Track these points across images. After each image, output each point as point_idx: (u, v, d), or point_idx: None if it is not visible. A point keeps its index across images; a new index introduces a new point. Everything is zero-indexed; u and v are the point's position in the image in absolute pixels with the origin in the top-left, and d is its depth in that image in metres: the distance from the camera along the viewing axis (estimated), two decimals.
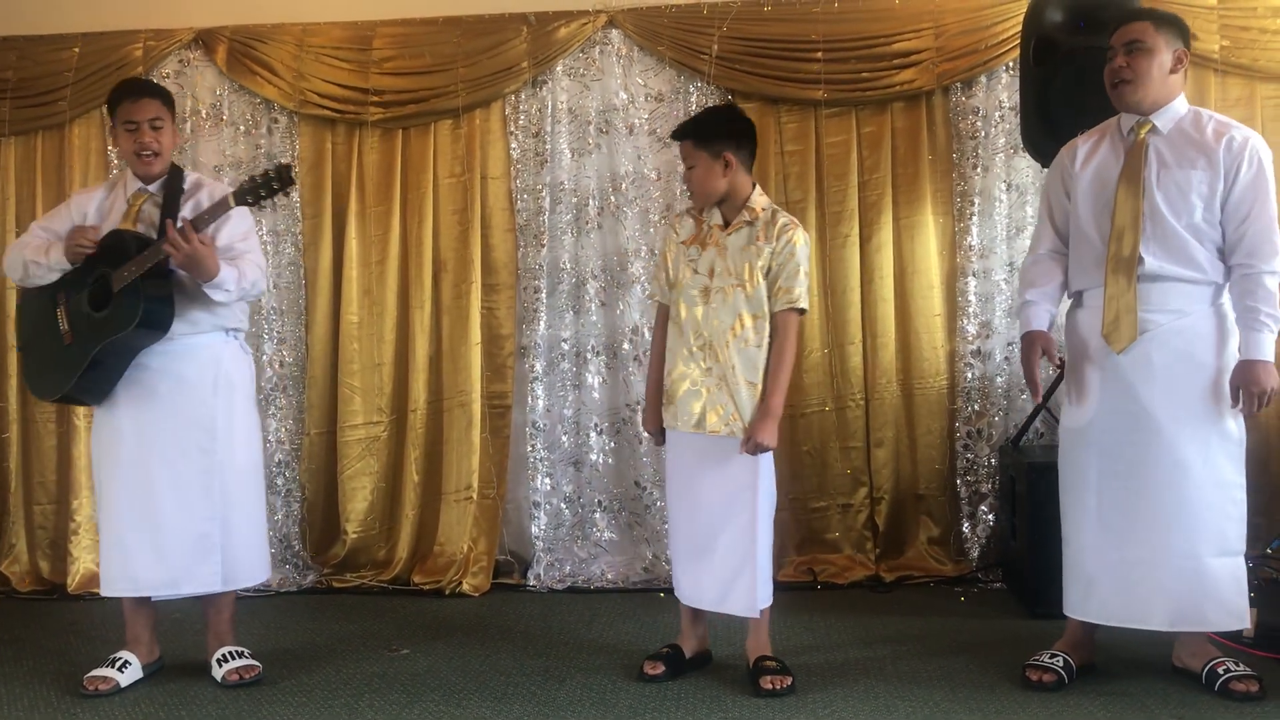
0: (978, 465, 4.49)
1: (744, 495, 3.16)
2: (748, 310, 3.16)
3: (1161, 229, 2.97)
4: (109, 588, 3.32)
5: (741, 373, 3.15)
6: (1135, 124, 3.06)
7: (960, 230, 4.50)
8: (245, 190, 3.13)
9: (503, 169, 4.65)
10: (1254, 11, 4.32)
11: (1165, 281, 2.97)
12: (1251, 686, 2.92)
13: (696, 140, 3.19)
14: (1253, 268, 2.92)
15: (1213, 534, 2.95)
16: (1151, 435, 2.96)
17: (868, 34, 4.48)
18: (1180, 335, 2.97)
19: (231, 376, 3.39)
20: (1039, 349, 3.14)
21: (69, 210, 3.42)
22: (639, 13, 4.57)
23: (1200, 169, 2.96)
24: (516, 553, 4.70)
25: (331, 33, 4.71)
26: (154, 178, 3.37)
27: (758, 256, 3.15)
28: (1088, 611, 3.08)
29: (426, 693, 3.22)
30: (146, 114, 3.31)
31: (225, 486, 3.32)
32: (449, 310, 4.63)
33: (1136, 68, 3.00)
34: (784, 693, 3.06)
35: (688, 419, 3.19)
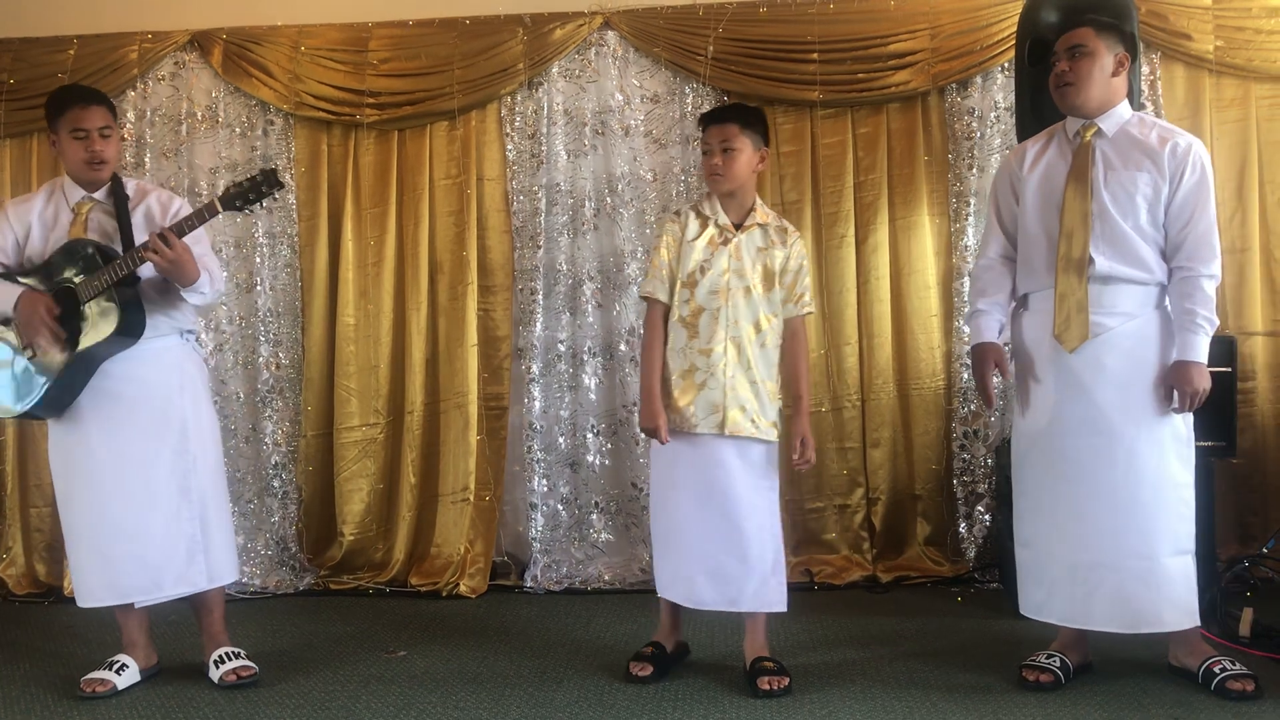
0: (974, 465, 4.50)
1: (768, 495, 3.19)
2: (765, 311, 3.20)
3: (1110, 229, 3.01)
4: (88, 598, 3.29)
5: (763, 373, 3.18)
6: (1080, 127, 3.10)
7: (956, 231, 4.51)
8: (233, 195, 3.13)
9: (499, 171, 4.65)
10: (1249, 12, 4.34)
11: (1115, 283, 3.01)
12: (1247, 685, 2.92)
13: (743, 124, 3.20)
14: (1192, 270, 2.97)
15: (1168, 534, 2.97)
16: (1106, 437, 2.99)
17: (863, 35, 4.49)
18: (1130, 338, 3.01)
19: (194, 376, 3.39)
20: (991, 361, 3.20)
21: (8, 221, 3.34)
22: (634, 14, 4.58)
23: (1146, 171, 3.01)
24: (513, 554, 4.70)
25: (327, 35, 4.71)
26: (99, 185, 3.33)
27: (772, 260, 3.20)
28: (1051, 613, 3.10)
29: (424, 694, 3.21)
30: (96, 121, 3.26)
31: (200, 486, 3.32)
32: (445, 312, 4.64)
33: (1078, 71, 3.05)
34: (781, 693, 3.07)
35: (708, 421, 3.16)
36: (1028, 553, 3.16)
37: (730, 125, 3.20)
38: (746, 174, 3.22)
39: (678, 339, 3.23)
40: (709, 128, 3.24)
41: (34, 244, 3.32)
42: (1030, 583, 3.16)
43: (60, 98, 3.33)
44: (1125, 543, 2.97)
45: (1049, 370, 3.08)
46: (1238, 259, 4.37)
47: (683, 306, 3.23)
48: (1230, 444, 3.87)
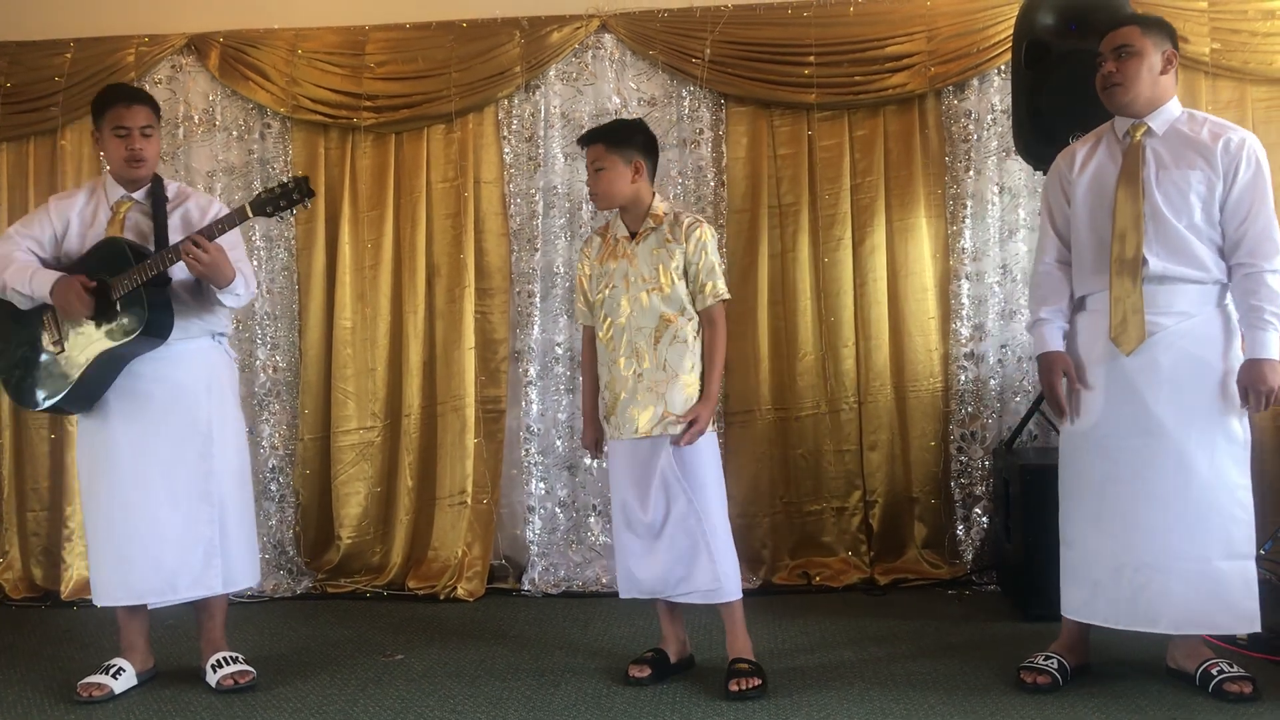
0: (971, 468, 4.50)
1: (677, 484, 3.20)
2: (669, 310, 3.22)
3: (1163, 229, 2.98)
4: (104, 597, 3.31)
5: (673, 368, 3.21)
6: (1130, 126, 3.07)
7: (953, 233, 4.51)
8: (264, 201, 3.16)
9: (496, 173, 4.65)
10: (1244, 14, 4.34)
11: (1171, 283, 2.98)
12: (1245, 688, 2.92)
13: (609, 144, 3.26)
14: (1255, 266, 2.93)
15: (1220, 537, 2.93)
16: (1157, 438, 2.96)
17: (860, 38, 4.49)
18: (1186, 337, 2.97)
19: (222, 380, 3.41)
20: (1059, 370, 3.14)
21: (49, 215, 3.37)
22: (631, 17, 4.58)
23: (1199, 169, 2.98)
24: (511, 557, 4.70)
25: (324, 38, 4.71)
26: (139, 185, 3.36)
27: (670, 258, 3.22)
28: (1094, 614, 3.06)
29: (421, 698, 3.21)
30: (139, 120, 3.30)
31: (222, 490, 3.33)
32: (442, 315, 4.64)
33: (1126, 72, 3.02)
34: (752, 694, 3.07)
35: (629, 427, 3.24)
36: (1071, 553, 3.12)
37: (596, 145, 3.28)
38: (620, 188, 3.25)
39: (601, 355, 3.35)
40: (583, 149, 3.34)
41: (71, 240, 3.34)
42: (1072, 583, 3.12)
43: (105, 95, 3.38)
44: (1173, 544, 2.93)
45: (1101, 371, 3.05)
46: None
47: (599, 325, 3.34)
48: None
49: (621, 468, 3.31)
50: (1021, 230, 4.47)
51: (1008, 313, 4.49)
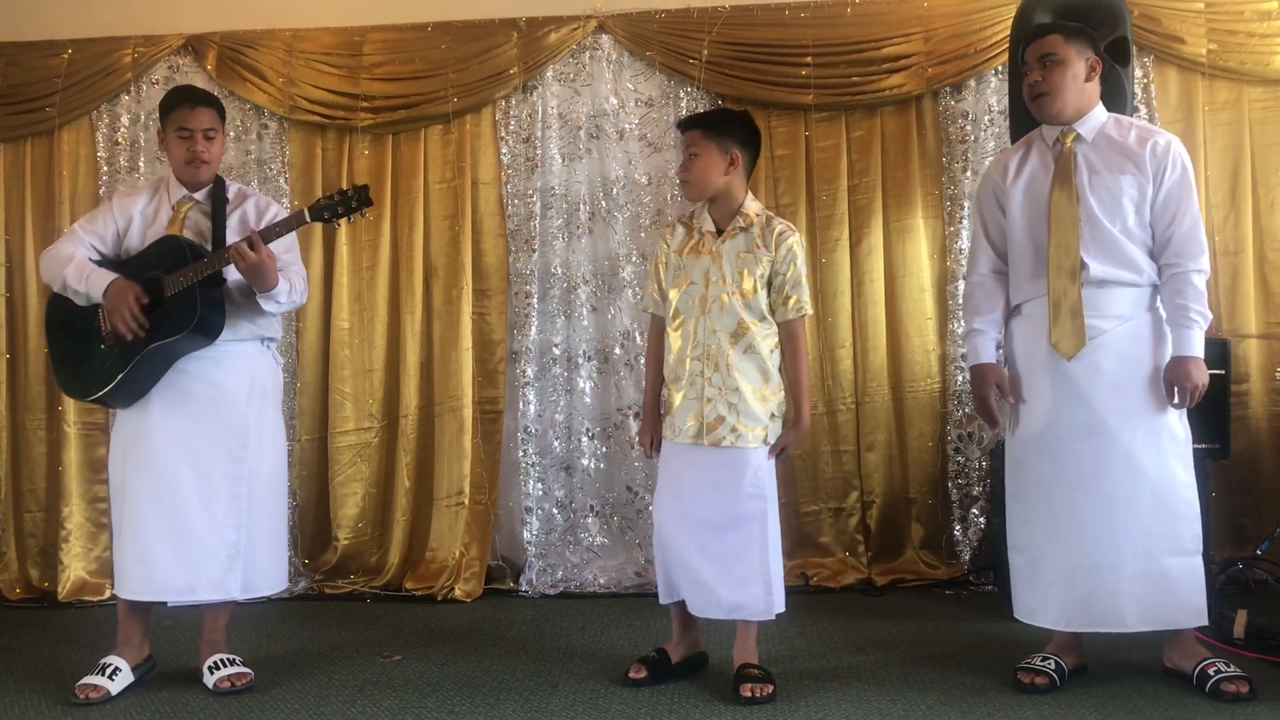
0: (969, 468, 4.50)
1: (754, 504, 3.13)
2: (749, 317, 3.14)
3: (1100, 234, 3.02)
4: (124, 590, 3.30)
5: (748, 380, 3.13)
6: (1060, 134, 3.10)
7: (950, 234, 4.51)
8: (322, 207, 3.16)
9: (493, 174, 4.65)
10: (1241, 15, 4.35)
11: (1109, 287, 3.02)
12: (1242, 688, 2.92)
13: (707, 130, 3.18)
14: (1181, 266, 2.98)
15: (1168, 535, 2.97)
16: (1104, 441, 2.99)
17: (857, 38, 4.50)
18: (1125, 340, 3.01)
19: (265, 385, 3.41)
20: (992, 382, 3.19)
21: (112, 212, 3.41)
22: (629, 18, 4.58)
23: (1129, 173, 3.02)
24: (508, 558, 4.70)
25: (321, 38, 4.71)
26: (200, 186, 3.39)
27: (756, 264, 3.15)
28: (1046, 618, 3.09)
29: (419, 699, 3.21)
30: (202, 123, 3.33)
31: (253, 495, 3.32)
32: (440, 316, 4.63)
33: (1051, 81, 3.06)
34: (764, 701, 3.04)
35: (687, 430, 3.17)
36: (1022, 557, 3.16)
37: (693, 131, 3.21)
38: (712, 178, 3.18)
39: (669, 349, 3.26)
40: (682, 135, 3.27)
41: (132, 238, 3.37)
42: (1024, 587, 3.15)
43: (171, 96, 3.42)
44: (1124, 545, 2.97)
45: (1044, 376, 3.08)
46: (1231, 261, 4.38)
47: (670, 317, 3.25)
48: (1224, 446, 3.89)
49: (677, 471, 3.22)
50: None
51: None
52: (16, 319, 4.75)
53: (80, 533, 4.62)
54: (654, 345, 3.35)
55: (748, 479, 3.14)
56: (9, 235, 4.75)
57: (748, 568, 3.13)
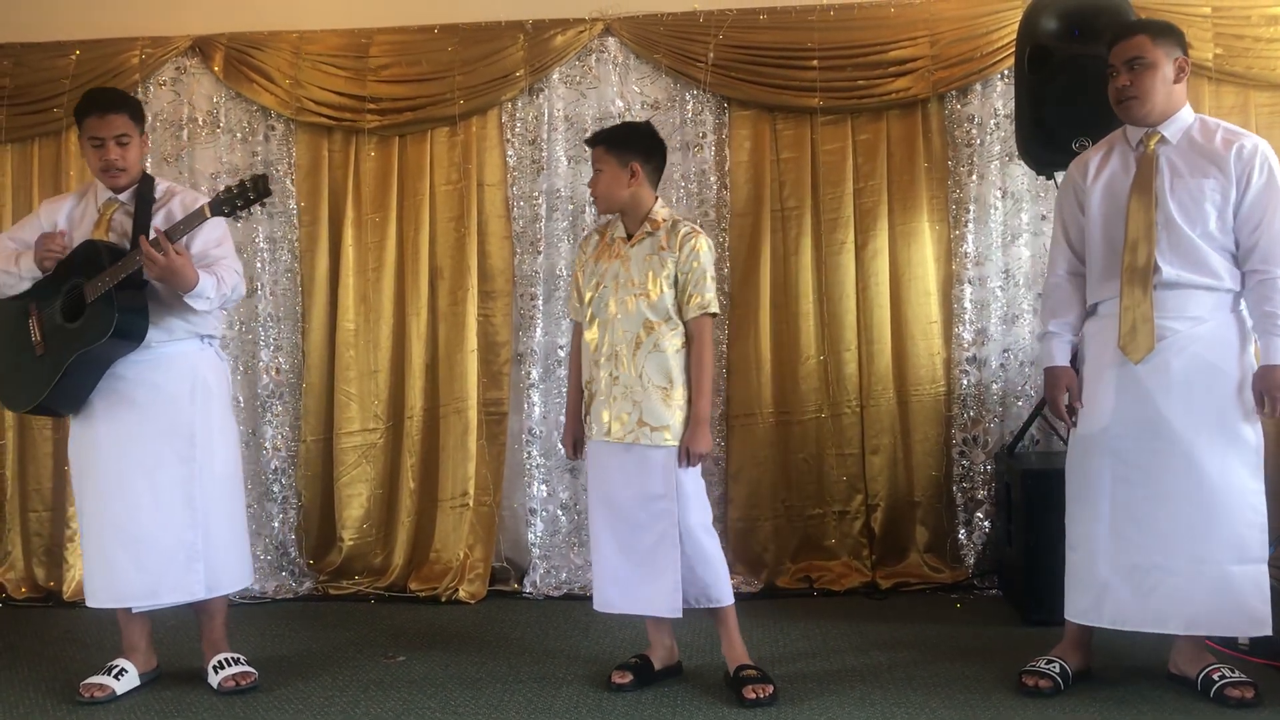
0: (974, 472, 4.50)
1: (662, 504, 3.18)
2: (654, 317, 3.20)
3: (1177, 238, 2.97)
4: (93, 599, 3.31)
5: (652, 378, 3.19)
6: (1144, 135, 3.06)
7: (956, 237, 4.51)
8: (221, 201, 3.10)
9: (499, 176, 4.66)
10: (1248, 20, 4.34)
11: (1183, 289, 2.98)
12: (1246, 693, 2.92)
13: (608, 147, 3.27)
14: (1268, 273, 2.94)
15: (1231, 541, 2.93)
16: (1168, 442, 2.96)
17: (863, 42, 4.49)
18: (1199, 342, 2.97)
19: (209, 383, 3.38)
20: (1064, 386, 3.15)
21: (38, 219, 3.39)
22: (635, 20, 4.59)
23: (1213, 177, 2.97)
24: (513, 560, 4.70)
25: (328, 40, 4.72)
26: (123, 188, 3.35)
27: (661, 266, 3.21)
28: (1100, 617, 3.05)
29: (423, 700, 3.21)
30: (112, 130, 3.26)
31: (205, 494, 3.30)
32: (445, 317, 4.64)
33: (1140, 84, 3.01)
34: (767, 701, 3.06)
35: (599, 428, 3.25)
36: (1077, 556, 3.12)
37: (597, 147, 3.30)
38: (617, 192, 3.26)
39: (585, 353, 3.34)
40: None
41: None
42: (1078, 587, 3.11)
43: (81, 103, 3.35)
44: (1185, 547, 2.94)
45: (1110, 375, 3.05)
46: None
47: (586, 323, 3.34)
48: None
49: (598, 469, 3.32)
50: (1024, 235, 4.47)
51: (1010, 317, 4.48)
52: None
53: None
54: (575, 349, 3.46)
55: (656, 478, 3.19)
56: None
57: (657, 566, 3.18)
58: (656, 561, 3.18)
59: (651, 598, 3.20)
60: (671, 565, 3.16)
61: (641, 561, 3.21)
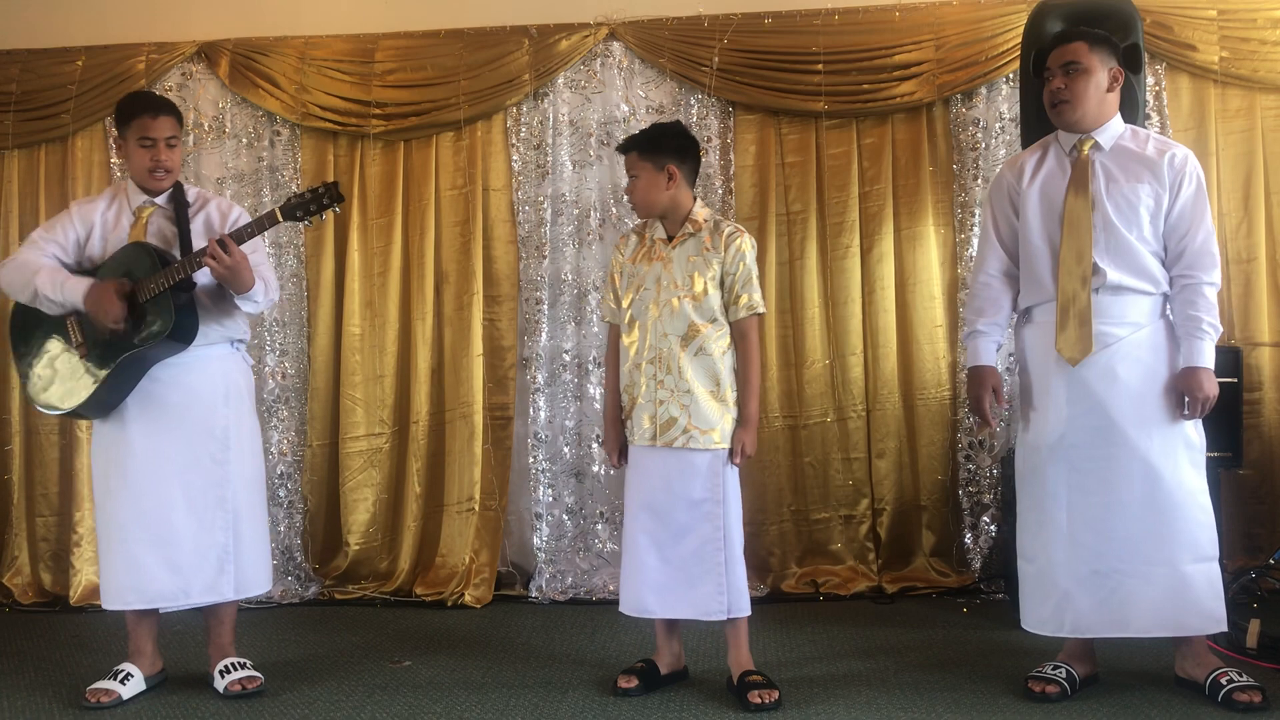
0: (979, 476, 4.49)
1: (710, 507, 3.17)
2: (699, 319, 3.18)
3: (1115, 240, 3.01)
4: (115, 601, 3.30)
5: (699, 381, 3.17)
6: (1077, 141, 3.10)
7: (961, 242, 4.51)
8: (294, 206, 3.15)
9: (504, 181, 4.66)
10: (1254, 23, 4.34)
11: (1123, 294, 3.01)
12: (1255, 697, 2.91)
13: (641, 152, 3.23)
14: (1194, 278, 2.99)
15: (1187, 541, 2.96)
16: (1121, 448, 2.98)
17: (868, 46, 4.50)
18: (1140, 347, 3.01)
19: (240, 387, 3.41)
20: (989, 385, 3.20)
21: (72, 219, 3.39)
22: (640, 25, 4.59)
23: (1146, 182, 3.02)
24: (518, 564, 4.70)
25: (334, 45, 4.73)
26: (161, 192, 3.38)
27: (706, 267, 3.19)
28: (1061, 626, 3.07)
29: (428, 704, 3.21)
30: (164, 132, 3.31)
31: (236, 496, 3.33)
32: (451, 322, 4.65)
33: (1074, 89, 3.04)
34: (771, 707, 3.06)
35: (643, 433, 3.22)
36: (1032, 567, 3.14)
37: (630, 154, 3.26)
38: (655, 196, 3.22)
39: (624, 357, 3.30)
40: None
41: (94, 245, 3.36)
42: (1035, 598, 3.13)
43: (130, 104, 3.37)
44: (1143, 550, 2.96)
45: (1059, 382, 3.06)
46: (1244, 269, 4.37)
47: (625, 325, 3.30)
48: (1237, 455, 3.87)
49: (640, 474, 3.27)
50: None
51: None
52: None
53: (92, 537, 4.61)
54: (612, 353, 3.40)
55: (701, 481, 3.17)
56: (24, 241, 4.75)
57: (702, 569, 3.16)
58: (702, 564, 3.16)
59: (696, 601, 3.17)
60: (717, 567, 3.15)
61: (684, 565, 3.17)
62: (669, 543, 3.19)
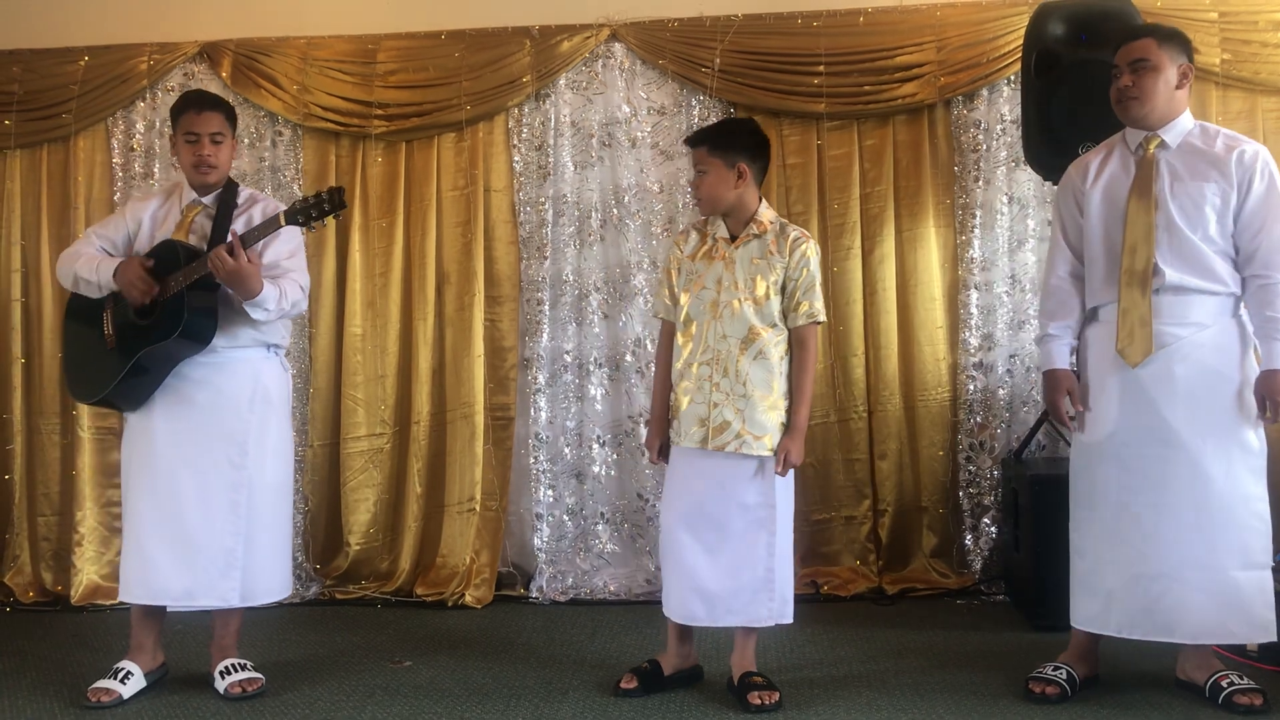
0: (980, 477, 4.49)
1: (763, 513, 3.13)
2: (760, 323, 3.13)
3: (1178, 241, 2.97)
4: (126, 593, 3.33)
5: (756, 387, 3.12)
6: (1144, 139, 3.06)
7: (962, 243, 4.51)
8: (297, 210, 3.14)
9: (506, 182, 4.67)
10: (1255, 25, 4.34)
11: (1185, 294, 2.97)
12: (1255, 700, 2.91)
13: (712, 147, 3.17)
14: (1269, 278, 2.94)
15: (1236, 547, 2.93)
16: (1173, 449, 2.95)
17: (869, 47, 4.50)
18: (1202, 348, 2.97)
19: (269, 392, 3.40)
20: (1064, 389, 3.14)
21: (124, 217, 3.44)
22: (641, 26, 4.60)
23: (1213, 181, 2.98)
24: (519, 565, 4.70)
25: (336, 46, 4.73)
26: (209, 189, 3.40)
27: (770, 270, 3.14)
28: (1107, 625, 3.04)
29: (429, 705, 3.21)
30: (209, 127, 3.33)
31: (252, 502, 3.32)
32: (452, 322, 4.65)
33: (1143, 86, 3.01)
34: (771, 708, 3.05)
35: (692, 435, 3.16)
36: (1084, 563, 3.11)
37: (699, 148, 3.19)
38: (723, 193, 3.16)
39: (678, 355, 3.24)
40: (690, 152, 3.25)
41: (142, 241, 3.39)
42: (1084, 594, 3.10)
43: (180, 101, 3.45)
44: (1190, 554, 2.93)
45: (1114, 381, 3.04)
46: None
47: (681, 322, 3.24)
48: None
49: (686, 477, 3.21)
50: (1030, 240, 4.47)
51: (1016, 323, 4.48)
52: (32, 324, 4.77)
53: (93, 537, 4.64)
54: (664, 350, 3.33)
55: (754, 486, 3.13)
56: (25, 241, 4.77)
57: (752, 575, 3.13)
58: (753, 570, 3.12)
59: (743, 608, 3.13)
60: (768, 574, 3.11)
61: (735, 572, 3.12)
62: (719, 547, 3.14)
